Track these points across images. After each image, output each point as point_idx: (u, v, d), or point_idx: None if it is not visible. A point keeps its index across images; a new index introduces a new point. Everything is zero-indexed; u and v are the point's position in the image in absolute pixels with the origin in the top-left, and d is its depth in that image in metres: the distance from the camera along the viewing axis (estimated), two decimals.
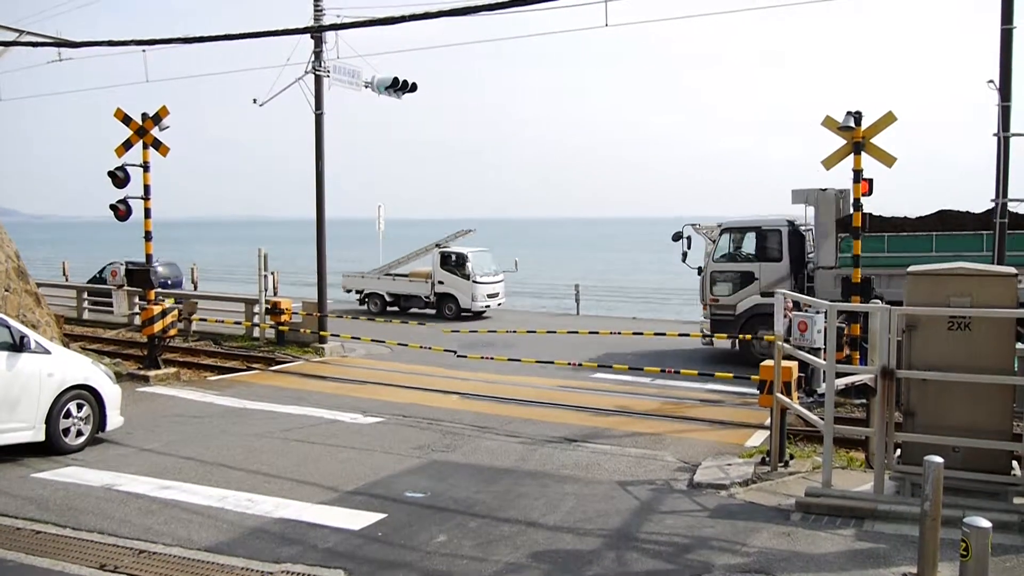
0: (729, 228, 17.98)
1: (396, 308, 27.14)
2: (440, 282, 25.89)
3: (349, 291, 28.29)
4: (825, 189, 16.61)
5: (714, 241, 18.06)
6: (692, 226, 18.80)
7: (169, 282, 28.82)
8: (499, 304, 26.45)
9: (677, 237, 18.50)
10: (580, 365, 15.68)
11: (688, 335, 18.62)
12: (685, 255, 18.44)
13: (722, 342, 17.91)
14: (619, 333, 20.14)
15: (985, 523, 4.76)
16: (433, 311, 26.07)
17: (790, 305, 9.33)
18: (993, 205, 12.92)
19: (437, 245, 26.87)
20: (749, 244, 17.90)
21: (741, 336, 16.99)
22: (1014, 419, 7.80)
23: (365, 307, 27.35)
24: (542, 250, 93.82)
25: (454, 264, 25.82)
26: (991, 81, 12.78)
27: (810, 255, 17.27)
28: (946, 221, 16.13)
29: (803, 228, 17.52)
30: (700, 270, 18.38)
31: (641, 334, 19.53)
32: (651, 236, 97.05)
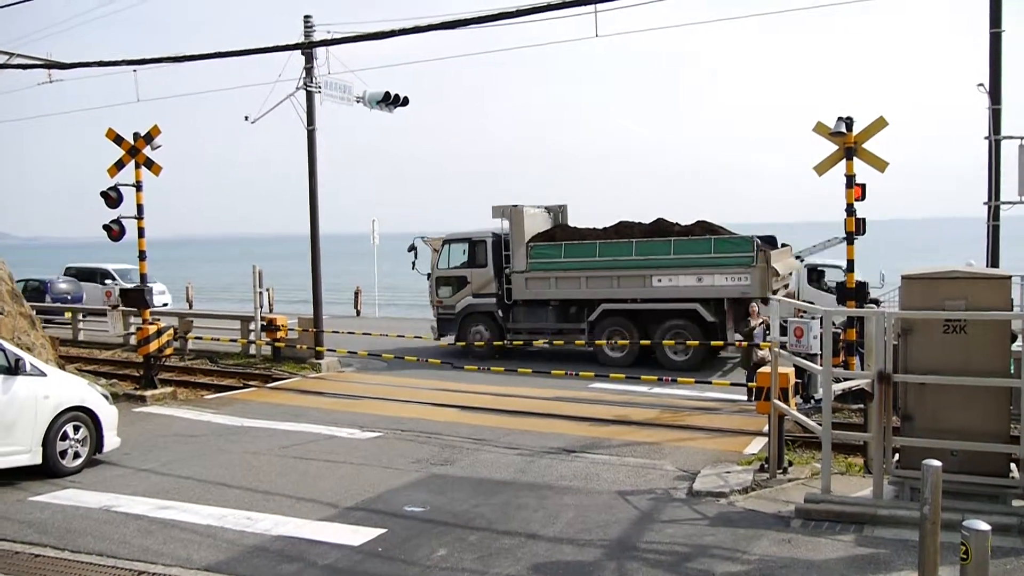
0: (449, 240, 20.44)
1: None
2: (810, 302, 20.16)
3: None
4: (516, 205, 19.03)
5: (437, 251, 20.51)
6: (421, 238, 21.13)
7: (69, 297, 28.67)
8: None
9: (411, 248, 20.83)
10: (577, 375, 15.70)
11: (421, 337, 21.27)
12: (414, 264, 20.83)
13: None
14: (352, 333, 22.09)
15: (984, 526, 4.75)
16: None
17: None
18: (985, 208, 12.99)
19: (798, 257, 21.06)
20: (465, 253, 20.18)
21: (462, 341, 19.67)
22: (1011, 421, 7.81)
23: None
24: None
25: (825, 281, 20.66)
26: (981, 84, 12.87)
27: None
28: (620, 231, 18.53)
29: (506, 237, 19.38)
30: (429, 276, 20.71)
31: (370, 334, 21.88)
32: None
